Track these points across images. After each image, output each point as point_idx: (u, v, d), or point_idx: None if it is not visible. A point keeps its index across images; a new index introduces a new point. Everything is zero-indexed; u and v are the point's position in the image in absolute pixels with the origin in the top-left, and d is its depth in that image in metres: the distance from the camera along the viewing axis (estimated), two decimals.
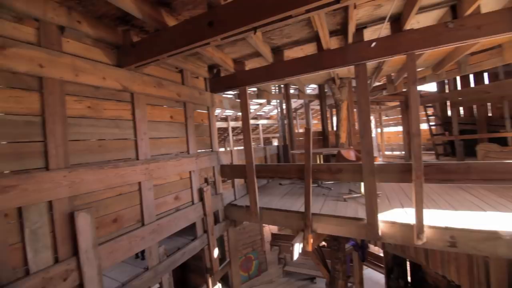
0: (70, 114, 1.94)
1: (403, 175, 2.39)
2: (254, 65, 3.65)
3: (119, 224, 2.20)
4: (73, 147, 1.94)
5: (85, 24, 2.03)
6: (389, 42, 2.42)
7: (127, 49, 2.28)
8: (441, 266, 4.63)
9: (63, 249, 1.77)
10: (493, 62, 3.93)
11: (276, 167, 3.44)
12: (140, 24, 2.29)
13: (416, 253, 5.29)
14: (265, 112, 11.31)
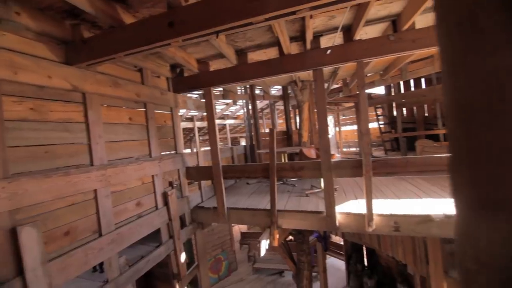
0: (8, 117, 1.72)
1: (356, 170, 2.67)
2: (219, 66, 3.65)
3: (72, 237, 2.02)
4: (13, 154, 1.72)
5: (25, 16, 1.81)
6: (342, 50, 2.66)
7: (77, 46, 2.10)
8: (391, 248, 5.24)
9: (4, 270, 1.57)
10: (427, 69, 4.59)
11: (243, 167, 3.50)
12: (92, 19, 2.13)
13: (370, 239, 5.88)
14: (232, 112, 11.30)
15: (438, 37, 0.34)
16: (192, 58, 3.27)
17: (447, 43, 0.33)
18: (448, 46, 0.33)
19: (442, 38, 0.34)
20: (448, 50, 0.33)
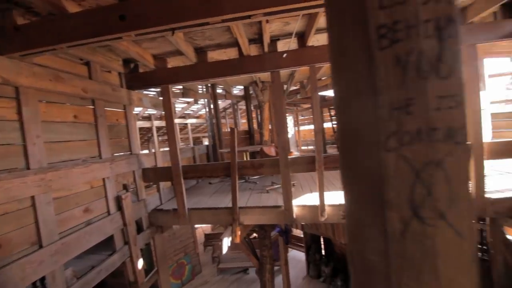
0: None
1: (310, 166, 2.90)
2: (177, 63, 3.55)
3: (4, 251, 1.77)
4: None
5: None
6: (296, 55, 2.86)
7: (8, 33, 1.83)
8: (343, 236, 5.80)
9: None
10: None
11: (204, 166, 3.48)
12: (27, 3, 1.89)
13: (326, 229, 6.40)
14: (193, 111, 10.96)
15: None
16: (148, 54, 3.12)
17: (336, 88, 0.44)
18: (336, 93, 0.44)
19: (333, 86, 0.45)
20: (335, 96, 0.45)
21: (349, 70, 0.39)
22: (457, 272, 0.32)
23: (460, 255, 0.32)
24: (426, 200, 0.33)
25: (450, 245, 0.32)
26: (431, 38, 0.33)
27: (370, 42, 0.37)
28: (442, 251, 0.32)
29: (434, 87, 0.34)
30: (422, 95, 0.34)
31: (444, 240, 0.32)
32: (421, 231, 0.32)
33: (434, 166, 0.33)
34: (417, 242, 0.32)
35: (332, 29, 0.42)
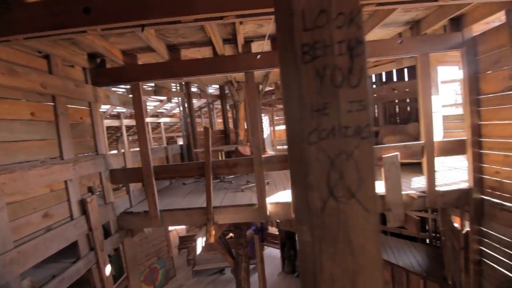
0: None
1: (283, 164, 3.01)
2: (149, 60, 3.43)
3: None
4: None
5: None
6: (270, 57, 2.94)
7: None
8: None
9: None
10: None
11: (177, 166, 3.41)
12: None
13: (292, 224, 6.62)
14: (167, 109, 10.58)
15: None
16: (116, 49, 2.97)
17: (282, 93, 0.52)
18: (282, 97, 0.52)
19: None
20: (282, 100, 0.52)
21: (287, 78, 0.47)
22: (365, 239, 0.41)
23: (367, 226, 0.41)
24: (339, 183, 0.41)
25: (359, 218, 0.41)
26: (344, 55, 0.43)
27: (297, 57, 0.46)
28: (353, 223, 0.41)
29: (346, 94, 0.42)
30: (335, 100, 0.42)
31: (355, 214, 0.41)
32: (336, 207, 0.41)
33: (346, 156, 0.41)
34: (333, 216, 0.41)
35: (278, 44, 0.49)
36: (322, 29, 0.44)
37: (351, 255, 0.41)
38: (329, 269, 0.41)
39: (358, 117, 0.42)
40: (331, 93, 0.43)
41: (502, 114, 2.67)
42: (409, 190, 3.09)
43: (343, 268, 0.41)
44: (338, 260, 0.41)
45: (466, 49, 2.94)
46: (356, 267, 0.41)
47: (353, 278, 0.41)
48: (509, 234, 2.67)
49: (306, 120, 0.44)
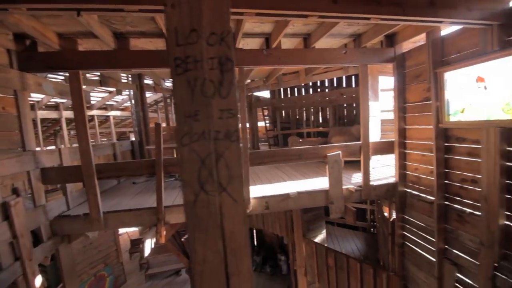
0: None
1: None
2: (92, 46, 3.12)
3: None
4: None
5: None
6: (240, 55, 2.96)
7: None
8: (272, 226, 6.32)
9: None
10: (295, 82, 5.81)
11: (124, 164, 3.19)
12: None
13: (257, 221, 6.82)
14: (118, 102, 9.67)
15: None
16: (50, 31, 2.62)
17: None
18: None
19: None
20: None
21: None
22: (235, 226, 0.50)
23: (237, 214, 0.50)
24: (209, 179, 0.48)
25: (230, 208, 0.50)
26: (215, 69, 0.51)
27: (171, 69, 0.53)
28: (225, 212, 0.49)
29: (217, 103, 0.50)
30: (206, 108, 0.49)
31: (226, 205, 0.49)
32: (207, 200, 0.48)
33: (217, 156, 0.48)
34: (204, 207, 0.48)
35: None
36: (194, 46, 0.50)
37: (222, 240, 0.49)
38: (201, 253, 0.48)
39: (228, 123, 0.50)
40: (202, 102, 0.51)
41: (421, 120, 3.19)
42: (349, 185, 3.47)
43: (214, 251, 0.48)
44: (209, 245, 0.48)
45: (396, 63, 3.42)
46: (228, 250, 0.49)
47: (224, 259, 0.49)
48: (423, 220, 3.22)
49: (180, 124, 0.50)
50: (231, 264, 0.50)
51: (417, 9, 1.93)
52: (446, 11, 2.02)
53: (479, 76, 2.54)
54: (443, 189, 2.92)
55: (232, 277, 0.52)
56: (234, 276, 0.51)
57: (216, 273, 0.51)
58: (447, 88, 2.82)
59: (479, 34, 2.40)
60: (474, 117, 2.61)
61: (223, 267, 0.52)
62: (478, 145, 2.48)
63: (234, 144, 0.53)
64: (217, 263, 0.49)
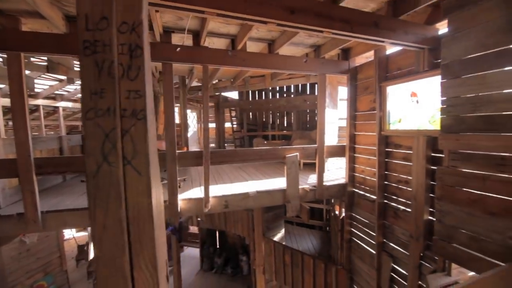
0: None
1: (198, 160, 3.05)
2: (39, 27, 2.81)
3: None
4: None
5: None
6: (190, 52, 2.94)
7: None
8: (234, 226, 6.34)
9: None
10: (261, 85, 5.97)
11: (69, 159, 2.92)
12: None
13: (219, 222, 6.78)
14: (69, 92, 8.72)
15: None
16: None
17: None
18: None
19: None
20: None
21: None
22: (138, 197, 0.56)
23: (140, 186, 0.57)
24: (112, 151, 0.54)
25: (134, 181, 0.56)
26: (125, 55, 0.59)
27: (79, 51, 0.59)
28: (129, 184, 0.55)
29: (125, 85, 0.57)
30: (112, 87, 0.55)
31: (130, 177, 0.55)
32: (109, 171, 0.54)
33: (124, 132, 0.55)
34: (106, 178, 0.54)
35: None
36: (103, 32, 0.56)
37: (125, 210, 0.54)
38: (102, 220, 0.53)
39: (135, 103, 0.58)
40: (109, 81, 0.56)
41: (367, 127, 3.57)
42: (305, 185, 3.70)
43: (115, 219, 0.54)
44: (110, 213, 0.53)
45: (350, 75, 3.77)
46: (130, 220, 0.55)
47: (127, 228, 0.54)
48: (367, 217, 3.58)
49: (85, 100, 0.55)
50: (134, 233, 0.56)
51: (363, 28, 2.19)
52: (387, 32, 2.33)
53: (413, 92, 2.96)
54: (383, 189, 3.29)
55: (134, 244, 0.57)
56: (137, 243, 0.57)
57: (116, 239, 0.56)
58: (389, 100, 3.21)
59: (414, 55, 2.80)
60: (408, 126, 3.02)
61: (125, 235, 0.57)
62: (410, 151, 2.87)
63: (141, 122, 0.59)
64: (118, 230, 0.54)
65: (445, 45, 2.03)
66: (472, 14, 1.81)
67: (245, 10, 1.71)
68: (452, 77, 1.96)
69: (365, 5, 2.61)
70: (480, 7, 1.75)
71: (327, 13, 1.99)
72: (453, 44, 1.95)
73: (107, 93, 0.58)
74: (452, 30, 1.98)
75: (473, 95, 1.81)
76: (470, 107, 1.82)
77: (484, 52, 1.74)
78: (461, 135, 1.87)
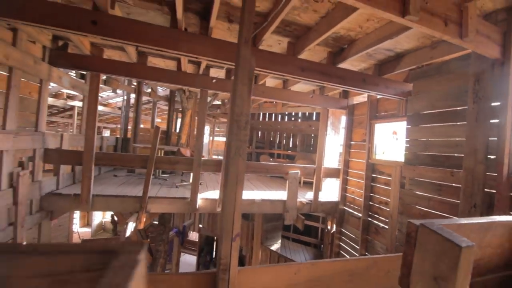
0: None
1: (217, 167, 3.79)
2: (112, 55, 3.74)
3: None
4: None
5: None
6: (222, 83, 3.80)
7: None
8: None
9: None
10: (272, 110, 6.84)
11: (120, 156, 3.70)
12: None
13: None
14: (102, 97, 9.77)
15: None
16: (87, 41, 3.23)
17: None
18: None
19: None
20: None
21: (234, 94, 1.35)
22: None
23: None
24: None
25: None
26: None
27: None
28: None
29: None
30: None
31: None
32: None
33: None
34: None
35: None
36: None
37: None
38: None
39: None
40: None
41: (358, 155, 4.29)
42: (303, 199, 4.36)
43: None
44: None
45: (348, 111, 4.57)
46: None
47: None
48: (353, 233, 4.18)
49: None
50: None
51: (354, 83, 3.01)
52: (372, 86, 3.14)
53: (394, 130, 3.72)
54: (368, 208, 3.94)
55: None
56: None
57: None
58: (376, 135, 3.97)
59: (397, 102, 3.59)
60: (389, 157, 3.73)
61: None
62: (390, 178, 3.56)
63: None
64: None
65: (410, 102, 2.82)
66: (427, 83, 2.61)
67: (272, 67, 2.55)
68: (413, 125, 2.72)
69: (358, 65, 3.48)
70: (432, 79, 2.55)
71: (327, 72, 2.83)
72: (415, 102, 2.73)
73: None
74: (415, 92, 2.77)
75: (425, 139, 2.55)
76: (423, 147, 2.55)
77: (433, 110, 2.50)
78: (417, 166, 2.58)
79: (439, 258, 0.52)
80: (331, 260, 1.78)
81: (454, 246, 0.50)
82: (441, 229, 0.56)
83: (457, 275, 0.50)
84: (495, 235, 0.73)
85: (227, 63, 2.57)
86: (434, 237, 0.55)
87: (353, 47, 2.81)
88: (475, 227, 0.70)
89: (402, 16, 1.40)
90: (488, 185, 1.87)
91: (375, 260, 1.67)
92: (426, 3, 1.45)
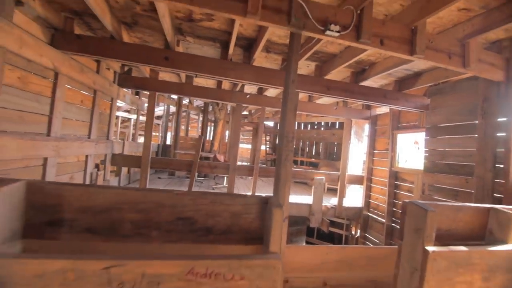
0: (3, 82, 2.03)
1: (249, 172, 4.29)
2: (165, 76, 4.48)
3: None
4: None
5: (38, 3, 2.22)
6: (255, 98, 4.34)
7: (67, 36, 2.55)
8: None
9: None
10: (297, 119, 7.25)
11: (169, 160, 4.38)
12: (90, 21, 2.66)
13: None
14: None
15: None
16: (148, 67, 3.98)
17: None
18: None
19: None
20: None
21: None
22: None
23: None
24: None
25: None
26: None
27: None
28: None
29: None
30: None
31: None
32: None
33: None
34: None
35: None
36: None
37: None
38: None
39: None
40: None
41: (381, 163, 4.54)
42: (328, 203, 4.68)
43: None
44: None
45: (371, 121, 4.86)
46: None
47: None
48: (377, 237, 4.40)
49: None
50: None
51: (375, 98, 3.36)
52: (392, 101, 3.46)
53: (416, 140, 3.95)
54: (391, 214, 4.16)
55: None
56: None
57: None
58: (398, 144, 4.21)
59: (418, 114, 3.84)
60: (412, 165, 3.95)
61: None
62: (412, 185, 3.79)
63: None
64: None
65: (428, 115, 3.10)
66: (443, 99, 2.88)
67: (303, 87, 3.02)
68: (431, 136, 2.98)
69: (380, 81, 3.81)
70: (447, 95, 2.83)
71: (350, 89, 3.22)
72: (432, 115, 3.01)
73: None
74: (432, 107, 3.05)
75: (442, 149, 2.80)
76: (440, 156, 2.80)
77: (449, 124, 2.77)
78: (435, 174, 2.84)
79: (417, 218, 0.93)
80: (355, 246, 2.15)
81: (424, 210, 0.91)
82: (419, 203, 0.97)
83: (426, 227, 0.91)
84: (466, 214, 1.12)
85: (264, 85, 3.09)
86: (415, 207, 0.96)
87: (373, 68, 3.19)
88: (449, 207, 1.10)
89: (411, 55, 1.79)
90: (497, 191, 2.11)
91: (393, 250, 2.01)
92: (431, 42, 1.82)
